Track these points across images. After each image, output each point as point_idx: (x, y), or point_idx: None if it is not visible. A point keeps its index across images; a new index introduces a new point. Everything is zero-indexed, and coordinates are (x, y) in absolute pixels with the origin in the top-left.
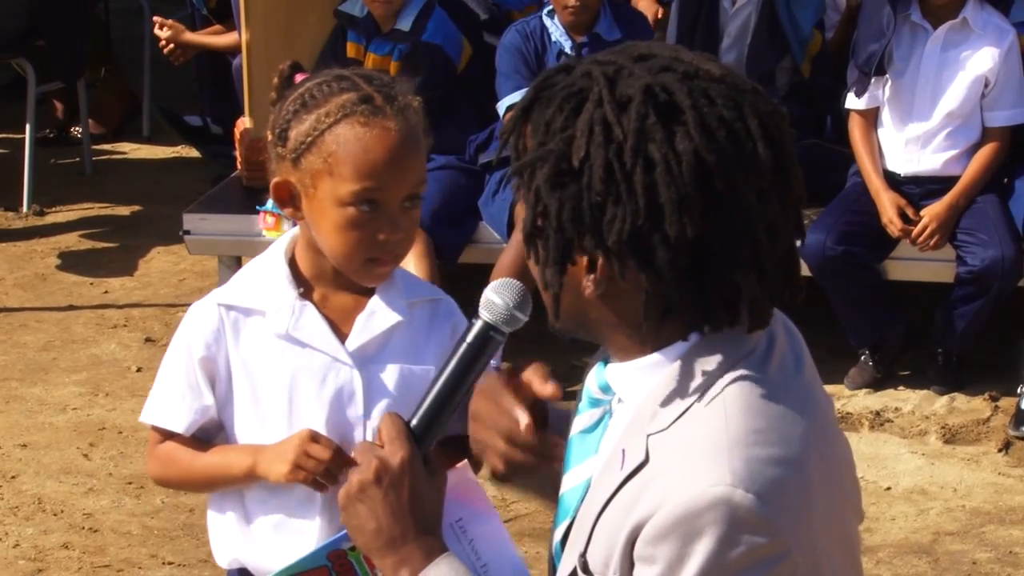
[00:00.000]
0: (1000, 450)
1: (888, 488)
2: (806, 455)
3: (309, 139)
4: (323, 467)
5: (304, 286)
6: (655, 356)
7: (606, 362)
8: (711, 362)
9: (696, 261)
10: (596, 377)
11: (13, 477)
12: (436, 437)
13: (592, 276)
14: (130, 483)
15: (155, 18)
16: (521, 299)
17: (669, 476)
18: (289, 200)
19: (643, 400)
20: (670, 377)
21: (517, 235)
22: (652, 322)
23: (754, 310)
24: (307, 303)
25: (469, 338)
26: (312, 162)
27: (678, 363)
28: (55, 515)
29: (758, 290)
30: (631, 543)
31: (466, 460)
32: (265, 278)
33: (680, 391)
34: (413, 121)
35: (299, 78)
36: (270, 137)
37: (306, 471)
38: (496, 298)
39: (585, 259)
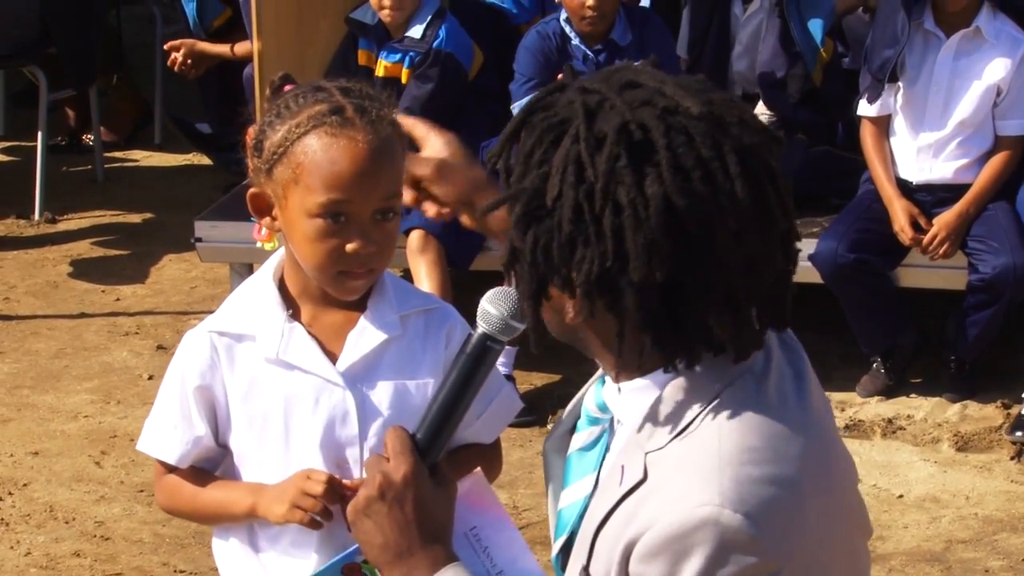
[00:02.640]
0: (1013, 458)
1: (900, 496)
2: (801, 474)
3: (280, 150)
4: (320, 505)
5: (293, 307)
6: (647, 379)
7: (604, 380)
8: (707, 380)
9: (667, 302)
10: (594, 396)
11: (25, 485)
12: (443, 448)
13: (573, 303)
14: (141, 491)
15: (167, 45)
16: (517, 308)
17: (662, 494)
18: (267, 211)
19: (641, 418)
20: (667, 396)
21: None
22: (629, 356)
23: (735, 346)
24: (296, 325)
25: (468, 349)
26: (282, 173)
27: (675, 382)
28: (67, 523)
29: (732, 331)
30: (626, 559)
31: (479, 468)
32: (255, 301)
33: (677, 409)
34: (385, 133)
35: (288, 89)
36: (248, 148)
37: (303, 509)
38: (492, 308)
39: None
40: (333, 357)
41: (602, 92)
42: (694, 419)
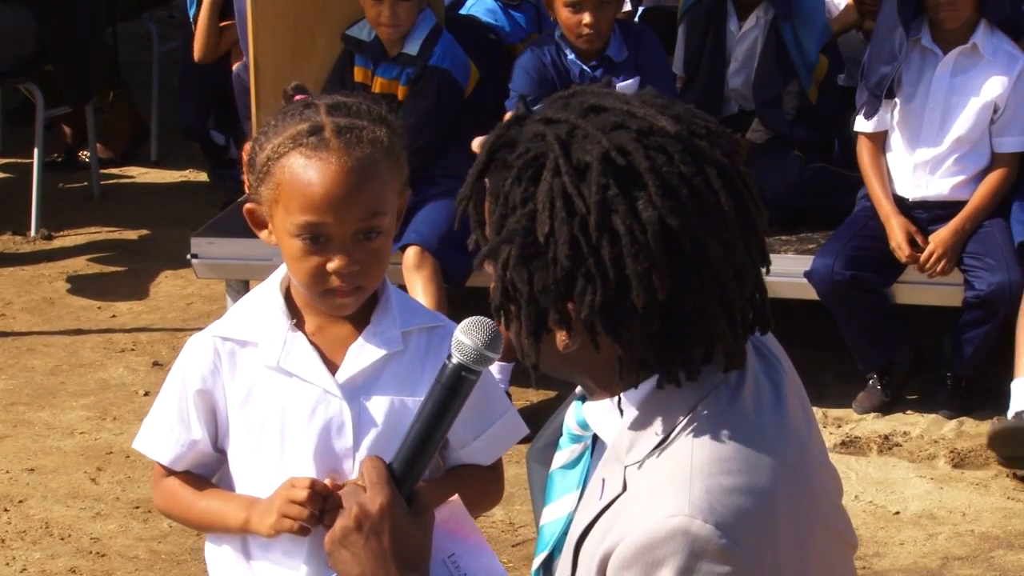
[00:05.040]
0: (1009, 475)
1: (897, 512)
2: (774, 484)
3: (264, 169)
4: (306, 512)
5: (298, 317)
6: (625, 396)
7: (583, 398)
8: (683, 394)
9: (667, 320)
10: (574, 414)
11: (20, 501)
12: (419, 477)
13: (566, 332)
14: (137, 507)
15: None
16: (491, 338)
17: (636, 506)
18: (264, 225)
19: (620, 433)
20: (644, 411)
21: None
22: (627, 377)
23: (728, 354)
24: (299, 334)
25: (442, 379)
26: (266, 191)
27: (652, 397)
28: (62, 539)
29: (730, 337)
30: (603, 571)
31: (457, 495)
32: (260, 309)
33: (655, 424)
34: (363, 154)
35: (298, 99)
36: (245, 163)
37: (290, 518)
38: (465, 339)
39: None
40: (334, 368)
41: (569, 120)
42: (670, 432)
